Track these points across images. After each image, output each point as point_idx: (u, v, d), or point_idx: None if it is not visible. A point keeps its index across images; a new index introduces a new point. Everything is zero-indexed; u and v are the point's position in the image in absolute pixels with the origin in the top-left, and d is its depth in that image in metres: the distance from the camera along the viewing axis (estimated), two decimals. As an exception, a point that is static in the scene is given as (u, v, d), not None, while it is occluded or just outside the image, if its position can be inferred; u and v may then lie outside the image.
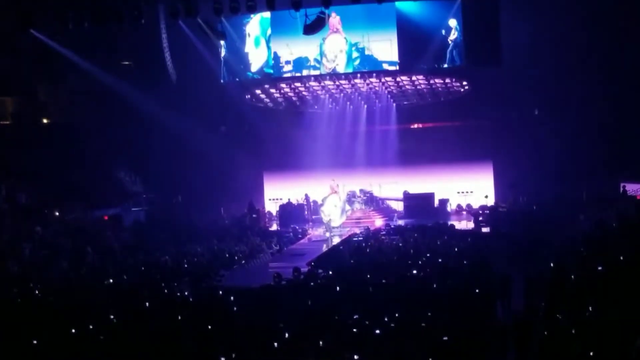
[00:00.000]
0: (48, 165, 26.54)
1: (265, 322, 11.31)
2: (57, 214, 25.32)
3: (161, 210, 30.23)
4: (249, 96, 32.93)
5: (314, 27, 24.23)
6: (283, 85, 32.66)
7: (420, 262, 17.43)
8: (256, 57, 30.32)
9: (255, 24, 29.95)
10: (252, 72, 30.44)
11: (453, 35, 27.83)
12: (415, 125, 35.09)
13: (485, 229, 26.31)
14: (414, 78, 31.26)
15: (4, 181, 25.06)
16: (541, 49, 27.05)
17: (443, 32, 27.89)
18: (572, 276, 13.12)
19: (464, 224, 28.70)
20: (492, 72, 28.26)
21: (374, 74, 30.72)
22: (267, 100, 34.24)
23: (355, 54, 29.32)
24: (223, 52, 29.91)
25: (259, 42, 30.16)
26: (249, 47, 30.23)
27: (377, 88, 32.99)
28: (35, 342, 10.58)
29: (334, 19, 28.66)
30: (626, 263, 13.84)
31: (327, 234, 27.42)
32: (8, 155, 25.86)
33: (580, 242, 17.73)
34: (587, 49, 26.92)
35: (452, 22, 27.85)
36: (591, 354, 8.60)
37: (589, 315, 10.33)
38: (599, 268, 13.51)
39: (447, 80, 31.45)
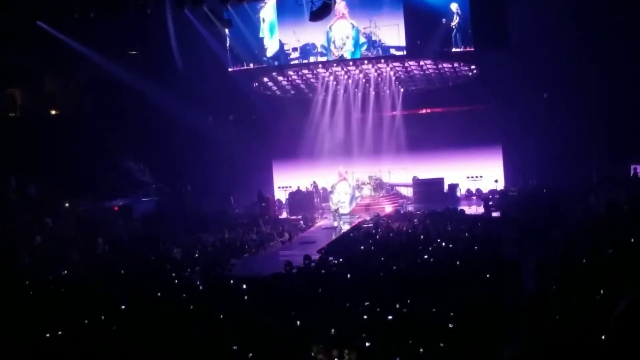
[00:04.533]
0: (57, 157, 26.58)
1: (276, 311, 11.32)
2: (67, 205, 25.38)
3: (171, 200, 30.25)
4: (256, 84, 32.87)
5: (321, 13, 24.08)
6: (291, 72, 32.59)
7: (430, 248, 17.39)
8: (272, 43, 30.22)
9: (270, 9, 29.74)
10: (268, 57, 30.33)
11: (455, 20, 27.65)
12: (424, 111, 34.96)
13: (495, 214, 26.23)
14: (422, 63, 31.13)
15: (14, 173, 25.12)
16: (550, 31, 26.81)
17: (444, 20, 27.70)
18: (583, 259, 13.06)
19: (474, 209, 28.61)
20: (500, 56, 28.14)
21: (382, 60, 30.62)
22: (275, 88, 34.18)
23: (362, 40, 29.18)
24: (229, 41, 29.80)
25: (275, 28, 30.04)
26: (264, 33, 30.12)
27: (385, 74, 32.87)
28: (47, 333, 10.61)
29: (340, 4, 28.51)
30: (637, 245, 13.78)
31: (336, 222, 27.39)
32: (17, 148, 25.90)
33: (591, 224, 17.66)
34: (597, 30, 26.68)
35: (454, 6, 27.64)
36: (603, 337, 8.56)
37: (600, 298, 10.29)
38: (610, 250, 13.45)
39: (456, 65, 31.29)
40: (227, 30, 28.85)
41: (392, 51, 29.35)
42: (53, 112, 30.85)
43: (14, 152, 25.69)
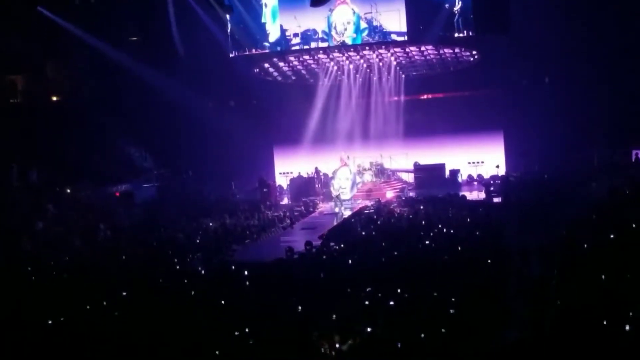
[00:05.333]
0: (58, 143, 26.55)
1: (277, 296, 11.34)
2: (68, 191, 25.39)
3: (172, 186, 30.27)
4: (257, 70, 32.80)
5: (321, -2, 24.06)
6: (292, 58, 32.53)
7: (431, 234, 17.40)
8: (274, 28, 30.13)
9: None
10: (270, 42, 30.25)
11: (458, 4, 27.56)
12: (425, 96, 34.87)
13: (496, 199, 26.23)
14: (423, 48, 31.06)
15: (15, 159, 25.12)
16: (551, 16, 26.72)
17: (447, 5, 27.60)
18: (585, 244, 13.07)
19: (475, 195, 28.61)
20: (501, 41, 28.02)
21: (383, 45, 30.54)
22: (276, 74, 34.12)
23: (363, 25, 29.11)
24: (230, 26, 29.72)
25: (277, 13, 29.95)
26: (266, 18, 30.03)
27: (386, 59, 32.80)
28: (49, 319, 10.64)
29: (342, -11, 28.50)
30: (639, 230, 13.78)
31: (337, 208, 27.40)
32: (18, 134, 25.87)
33: (593, 209, 17.65)
34: (598, 14, 26.59)
35: None
36: (604, 322, 8.59)
37: (602, 283, 10.31)
38: (611, 236, 13.46)
39: (457, 50, 31.21)
40: (227, 16, 28.78)
41: (393, 37, 29.34)
42: (54, 98, 30.77)
43: (15, 139, 25.67)
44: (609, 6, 26.26)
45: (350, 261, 14.26)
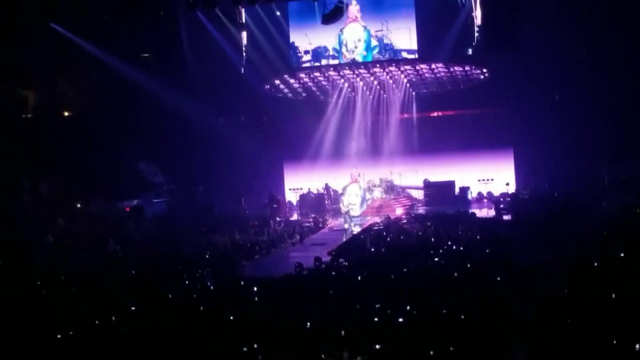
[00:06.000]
0: (69, 158, 26.66)
1: (286, 312, 11.33)
2: (79, 205, 25.49)
3: (182, 201, 30.34)
4: (268, 86, 32.95)
5: (333, 16, 24.25)
6: (302, 75, 32.66)
7: (441, 251, 17.37)
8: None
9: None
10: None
11: (467, 22, 27.64)
12: (435, 113, 34.95)
13: (506, 217, 26.17)
14: (433, 66, 31.15)
15: (27, 174, 25.25)
16: (561, 33, 26.75)
17: (456, 23, 27.67)
18: (595, 262, 13.02)
19: (485, 212, 28.56)
20: (511, 59, 28.05)
21: (393, 63, 30.64)
22: (287, 90, 34.27)
23: (374, 43, 29.24)
24: (242, 42, 29.88)
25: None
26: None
27: (396, 76, 32.89)
28: (58, 334, 10.66)
29: (354, 7, 28.69)
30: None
31: (347, 224, 27.40)
32: (30, 148, 26.02)
33: (603, 227, 17.59)
34: (608, 32, 26.58)
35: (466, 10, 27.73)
36: (614, 341, 8.54)
37: (612, 301, 10.26)
38: (622, 254, 13.40)
39: (467, 68, 31.29)
40: (243, 33, 28.97)
41: (404, 54, 29.45)
42: (66, 113, 30.95)
43: (27, 153, 25.81)
44: (619, 24, 26.23)
45: (359, 277, 14.23)
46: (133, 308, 12.36)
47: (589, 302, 10.40)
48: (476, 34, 27.66)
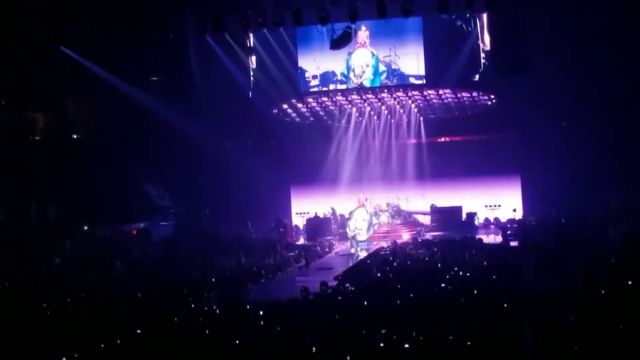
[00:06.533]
0: (77, 180, 26.76)
1: (292, 336, 11.29)
2: (86, 228, 25.54)
3: (189, 224, 30.35)
4: (275, 111, 33.08)
5: (341, 41, 24.39)
6: (310, 99, 32.77)
7: (448, 276, 17.31)
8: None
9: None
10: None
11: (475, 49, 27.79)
12: (443, 139, 34.98)
13: (513, 243, 26.08)
14: (441, 92, 31.23)
15: (34, 196, 25.33)
16: (569, 60, 26.79)
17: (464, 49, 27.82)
18: (602, 290, 12.96)
19: (492, 238, 28.48)
20: (519, 85, 28.11)
21: (401, 88, 30.74)
22: (294, 115, 34.37)
23: (382, 68, 29.36)
24: (250, 67, 30.04)
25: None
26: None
27: (404, 102, 32.98)
28: (64, 357, 10.65)
29: (364, 33, 28.82)
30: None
31: (353, 249, 27.33)
32: (38, 170, 26.11)
33: (610, 255, 17.53)
34: (616, 59, 26.60)
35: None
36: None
37: (620, 329, 10.20)
38: (629, 282, 13.34)
39: (474, 94, 31.37)
40: (251, 57, 29.15)
41: (412, 80, 29.53)
42: (74, 136, 31.07)
43: (35, 175, 25.91)
44: (628, 51, 26.27)
45: (365, 302, 14.19)
46: (139, 331, 12.35)
47: (596, 330, 10.35)
48: (483, 60, 27.85)
